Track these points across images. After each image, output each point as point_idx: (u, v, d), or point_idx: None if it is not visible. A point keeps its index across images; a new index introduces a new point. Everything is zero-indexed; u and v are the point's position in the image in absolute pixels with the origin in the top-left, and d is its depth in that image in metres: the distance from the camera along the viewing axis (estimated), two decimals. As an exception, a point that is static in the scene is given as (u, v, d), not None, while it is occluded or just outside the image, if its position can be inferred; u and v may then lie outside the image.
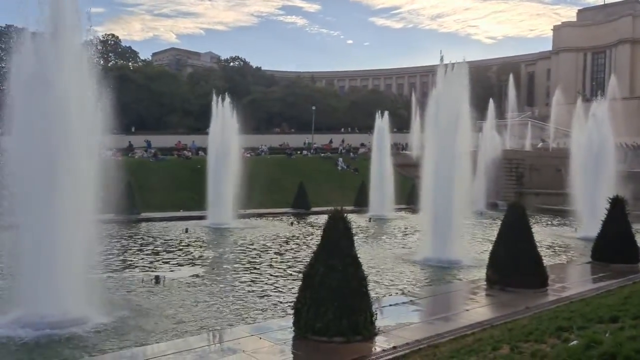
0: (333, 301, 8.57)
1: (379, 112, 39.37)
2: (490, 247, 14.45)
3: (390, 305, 11.30)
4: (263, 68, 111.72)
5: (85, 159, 11.17)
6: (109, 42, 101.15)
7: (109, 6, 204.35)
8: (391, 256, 19.43)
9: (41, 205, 10.53)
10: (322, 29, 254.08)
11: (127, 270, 16.18)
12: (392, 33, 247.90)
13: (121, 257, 18.13)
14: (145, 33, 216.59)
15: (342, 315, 8.55)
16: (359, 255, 9.23)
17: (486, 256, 14.31)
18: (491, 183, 42.72)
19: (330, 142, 68.51)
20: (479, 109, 49.75)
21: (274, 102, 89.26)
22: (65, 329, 9.84)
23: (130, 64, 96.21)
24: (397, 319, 10.03)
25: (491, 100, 52.20)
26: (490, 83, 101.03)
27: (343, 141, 68.26)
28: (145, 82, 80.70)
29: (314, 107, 72.27)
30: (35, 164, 10.67)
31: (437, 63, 21.32)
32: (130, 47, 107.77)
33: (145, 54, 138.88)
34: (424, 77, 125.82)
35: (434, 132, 20.42)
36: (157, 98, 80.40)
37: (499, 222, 14.35)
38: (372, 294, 9.55)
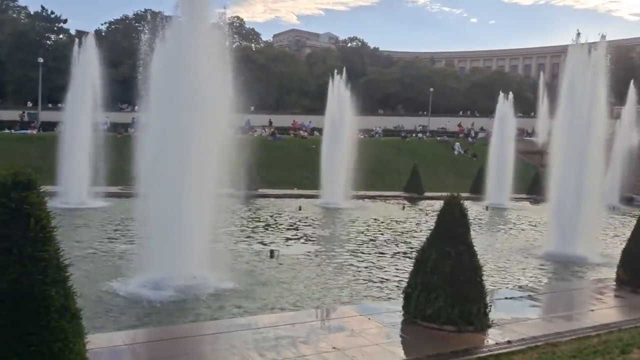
0: (445, 288, 8.34)
1: (503, 94, 37.27)
2: (621, 244, 13.22)
3: (506, 298, 10.80)
4: (381, 49, 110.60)
5: (213, 135, 11.88)
6: (234, 24, 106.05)
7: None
8: (509, 247, 18.51)
9: (174, 176, 11.37)
10: (444, 7, 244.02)
11: (244, 242, 17.08)
12: (521, 10, 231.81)
13: (239, 230, 19.18)
14: (267, 15, 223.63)
15: (454, 304, 8.30)
16: (474, 244, 8.88)
17: (616, 254, 13.10)
18: (628, 175, 38.89)
19: (459, 125, 66.34)
20: (618, 94, 45.13)
21: (390, 83, 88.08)
22: (190, 293, 10.61)
23: (252, 45, 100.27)
24: (512, 313, 9.55)
25: (632, 84, 47.03)
26: (632, 64, 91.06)
27: (473, 124, 66.02)
28: (266, 62, 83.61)
29: (431, 89, 70.34)
30: (169, 139, 11.57)
31: (570, 42, 19.65)
32: (253, 29, 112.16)
33: (266, 36, 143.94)
34: (554, 58, 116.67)
35: (564, 118, 18.94)
36: (276, 78, 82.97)
37: (634, 218, 13.04)
38: (487, 285, 9.15)
